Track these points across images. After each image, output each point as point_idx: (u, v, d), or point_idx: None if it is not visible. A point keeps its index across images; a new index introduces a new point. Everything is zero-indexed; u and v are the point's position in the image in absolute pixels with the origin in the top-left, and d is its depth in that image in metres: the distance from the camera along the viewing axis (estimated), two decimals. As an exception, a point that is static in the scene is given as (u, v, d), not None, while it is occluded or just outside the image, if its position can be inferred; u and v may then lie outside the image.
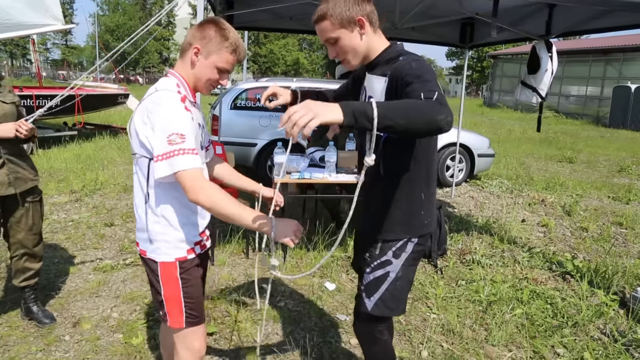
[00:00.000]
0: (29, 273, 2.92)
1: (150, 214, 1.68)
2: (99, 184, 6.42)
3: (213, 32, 1.65)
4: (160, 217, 1.67)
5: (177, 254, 1.71)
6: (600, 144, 13.50)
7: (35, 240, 2.89)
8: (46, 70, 46.01)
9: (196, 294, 1.79)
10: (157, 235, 1.69)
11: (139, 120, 1.59)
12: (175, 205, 1.68)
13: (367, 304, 1.84)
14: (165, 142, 1.51)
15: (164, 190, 1.65)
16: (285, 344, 2.85)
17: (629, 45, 21.35)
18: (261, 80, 7.41)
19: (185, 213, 1.71)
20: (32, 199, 2.84)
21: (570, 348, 2.90)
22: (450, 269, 4.05)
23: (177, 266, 1.71)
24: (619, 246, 4.90)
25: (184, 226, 1.71)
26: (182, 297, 1.74)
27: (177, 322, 1.76)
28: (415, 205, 1.79)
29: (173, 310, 1.75)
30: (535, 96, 4.72)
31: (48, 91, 9.68)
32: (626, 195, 7.05)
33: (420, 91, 1.45)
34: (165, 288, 1.73)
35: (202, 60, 1.67)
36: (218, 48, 1.66)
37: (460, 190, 7.17)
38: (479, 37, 5.89)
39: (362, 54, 1.73)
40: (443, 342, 2.92)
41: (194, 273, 1.78)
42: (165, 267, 1.71)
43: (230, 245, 4.29)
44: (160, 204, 1.66)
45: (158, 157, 1.52)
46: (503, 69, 30.19)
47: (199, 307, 1.82)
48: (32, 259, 2.91)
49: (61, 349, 2.71)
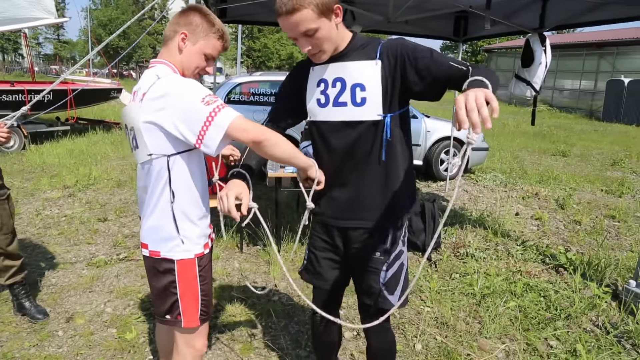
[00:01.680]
0: (11, 270, 2.89)
1: (177, 212, 1.62)
2: (92, 179, 6.38)
3: (199, 19, 1.63)
4: (182, 213, 1.63)
5: (196, 249, 1.68)
6: (593, 138, 13.56)
7: (8, 240, 2.82)
8: (38, 65, 45.65)
9: (210, 291, 1.78)
10: (180, 232, 1.63)
11: (151, 111, 1.49)
12: (192, 199, 1.65)
13: (391, 300, 1.79)
14: (202, 106, 1.44)
15: (183, 186, 1.61)
16: (279, 337, 2.85)
17: (623, 39, 21.42)
18: (255, 75, 7.38)
19: (200, 206, 1.68)
20: None
21: (563, 340, 2.92)
22: (444, 262, 4.06)
23: (195, 263, 1.68)
24: (612, 239, 4.93)
25: (200, 220, 1.69)
26: (199, 295, 1.71)
27: (193, 321, 1.72)
28: (412, 185, 1.83)
29: (188, 308, 1.70)
30: (529, 89, 4.73)
31: (40, 86, 9.61)
32: (619, 189, 7.09)
33: (449, 61, 1.52)
34: (182, 287, 1.67)
35: (189, 47, 1.64)
36: (205, 34, 1.64)
37: (455, 184, 7.18)
38: (473, 31, 5.89)
39: (335, 44, 1.65)
40: (437, 335, 2.93)
41: (209, 269, 1.77)
42: (184, 265, 1.66)
43: (224, 240, 4.28)
44: (181, 201, 1.62)
45: (204, 127, 1.44)
46: (497, 62, 30.20)
47: (211, 304, 1.81)
48: (9, 258, 2.87)
49: (54, 344, 2.70)
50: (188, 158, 1.59)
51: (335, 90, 1.69)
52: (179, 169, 1.58)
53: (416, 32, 6.00)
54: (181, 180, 1.60)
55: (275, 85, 7.02)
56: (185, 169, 1.60)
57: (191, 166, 1.61)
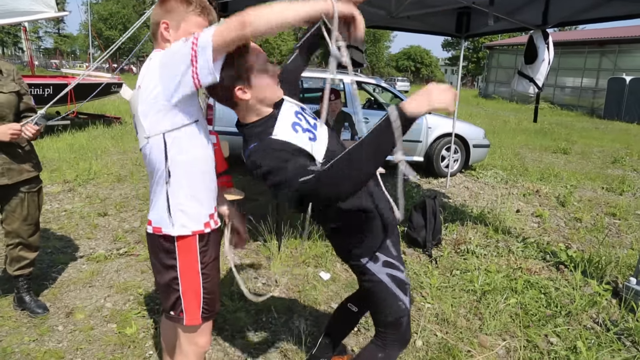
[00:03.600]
0: (24, 262, 2.91)
1: (176, 190, 1.59)
2: (93, 173, 6.37)
3: (174, 3, 1.63)
4: (180, 190, 1.60)
5: (194, 226, 1.63)
6: (594, 136, 13.54)
7: (30, 231, 2.88)
8: (38, 59, 45.55)
9: (214, 289, 1.74)
10: (179, 208, 1.61)
11: (148, 88, 1.50)
12: (191, 176, 1.61)
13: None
14: (182, 44, 1.43)
15: (181, 162, 1.57)
16: (279, 333, 2.85)
17: (625, 36, 21.38)
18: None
19: (200, 185, 1.64)
20: (28, 189, 2.83)
21: (563, 337, 2.92)
22: (444, 258, 4.06)
23: (196, 242, 1.64)
24: (612, 236, 4.93)
25: (200, 198, 1.65)
26: (202, 292, 1.68)
27: (195, 319, 1.70)
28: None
29: (190, 306, 1.68)
30: (532, 86, 4.71)
31: (40, 80, 9.57)
32: (620, 186, 7.08)
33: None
34: (184, 283, 1.64)
35: (174, 34, 1.64)
36: (184, 15, 1.63)
37: (455, 181, 7.18)
38: (475, 27, 5.86)
39: None
40: (437, 332, 2.92)
41: (213, 267, 1.73)
42: (184, 245, 1.63)
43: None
44: (179, 177, 1.59)
45: (192, 59, 1.40)
46: (499, 59, 30.15)
47: (215, 302, 1.77)
48: (26, 249, 2.90)
49: (54, 339, 2.70)
50: (185, 134, 1.56)
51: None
52: (176, 145, 1.55)
53: (418, 27, 5.97)
54: (179, 156, 1.57)
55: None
56: (183, 145, 1.56)
57: (190, 141, 1.58)
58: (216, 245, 1.80)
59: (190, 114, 1.55)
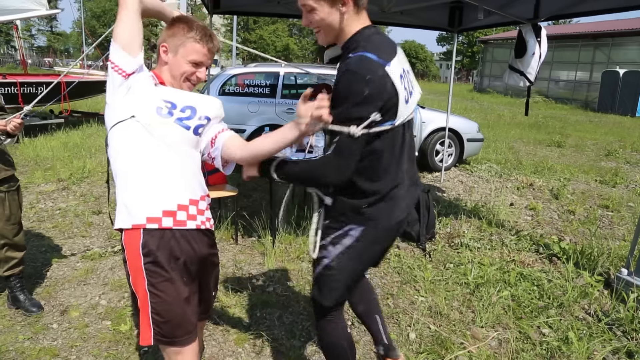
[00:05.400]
0: (12, 262, 2.90)
1: (117, 181, 1.62)
2: (87, 172, 6.35)
3: (177, 28, 1.68)
4: (120, 182, 1.61)
5: (134, 220, 1.55)
6: (588, 129, 13.60)
7: (14, 230, 2.85)
8: (31, 58, 45.21)
9: (168, 313, 1.57)
10: (120, 200, 1.59)
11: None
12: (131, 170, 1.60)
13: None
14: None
15: (118, 152, 1.64)
16: (273, 328, 2.87)
17: (618, 30, 21.43)
18: (250, 66, 7.34)
19: (142, 179, 1.59)
20: (7, 188, 2.79)
21: (555, 328, 2.95)
22: (438, 252, 4.08)
23: (140, 237, 1.53)
24: (605, 228, 4.97)
25: (144, 192, 1.57)
26: (150, 311, 1.56)
27: (145, 339, 1.59)
28: None
29: (142, 321, 1.58)
30: (523, 80, 4.72)
31: (33, 78, 9.52)
32: (613, 179, 7.12)
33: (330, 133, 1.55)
34: (130, 265, 1.57)
35: (171, 57, 1.69)
36: (183, 40, 1.67)
37: (450, 175, 7.20)
38: (468, 21, 5.86)
39: (334, 33, 1.58)
40: (431, 324, 2.95)
41: (168, 286, 1.56)
42: (128, 238, 1.56)
43: (219, 231, 4.28)
44: (119, 170, 1.62)
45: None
46: (493, 54, 30.18)
47: (174, 328, 1.59)
48: (13, 249, 2.88)
49: (49, 337, 2.70)
50: (124, 130, 1.64)
51: None
52: (115, 140, 1.65)
53: (411, 22, 5.97)
54: (116, 153, 1.64)
55: (270, 77, 6.98)
56: (121, 140, 1.63)
57: (126, 137, 1.62)
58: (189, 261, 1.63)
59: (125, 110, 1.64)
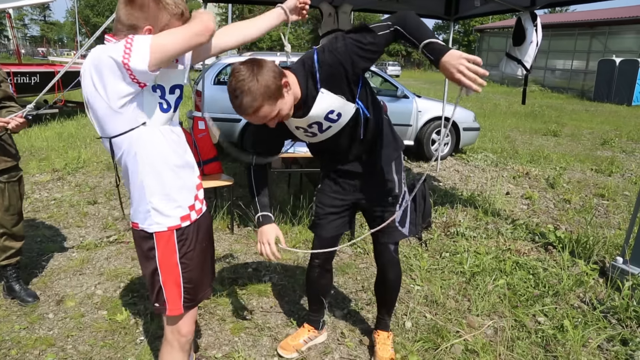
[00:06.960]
0: (10, 252, 2.89)
1: (144, 186, 1.59)
2: (82, 162, 6.32)
3: (153, 5, 1.49)
4: (148, 187, 1.60)
5: (169, 222, 1.65)
6: (584, 118, 13.60)
7: (13, 221, 2.85)
8: (25, 47, 44.79)
9: (196, 278, 1.76)
10: (150, 205, 1.61)
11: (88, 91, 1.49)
12: (156, 173, 1.59)
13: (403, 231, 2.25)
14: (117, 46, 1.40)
15: (137, 155, 1.55)
16: (269, 317, 2.87)
17: (615, 18, 21.36)
18: (245, 55, 7.28)
19: (168, 179, 1.62)
20: (7, 179, 2.77)
21: (550, 316, 2.96)
22: (434, 241, 4.09)
23: (174, 237, 1.66)
24: (600, 217, 4.98)
25: (172, 192, 1.64)
26: (182, 282, 1.71)
27: (176, 309, 1.73)
28: (391, 131, 2.22)
29: (171, 295, 1.71)
30: (520, 68, 4.70)
31: (27, 68, 9.42)
32: (608, 168, 7.14)
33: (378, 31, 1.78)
34: (164, 273, 1.67)
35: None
36: (166, 22, 1.52)
37: (446, 164, 7.20)
38: (464, 9, 5.83)
39: (293, 103, 1.86)
40: (426, 313, 2.96)
41: (194, 256, 1.73)
42: (161, 239, 1.65)
43: (215, 220, 4.27)
44: (139, 172, 1.58)
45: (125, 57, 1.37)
46: (489, 42, 30.07)
47: (198, 291, 1.80)
48: (11, 239, 2.87)
49: (45, 326, 2.70)
50: (142, 137, 1.54)
51: (315, 128, 1.99)
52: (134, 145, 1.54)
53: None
54: (132, 150, 1.55)
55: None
56: (141, 145, 1.55)
57: (148, 141, 1.55)
58: (203, 231, 1.80)
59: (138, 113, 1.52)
